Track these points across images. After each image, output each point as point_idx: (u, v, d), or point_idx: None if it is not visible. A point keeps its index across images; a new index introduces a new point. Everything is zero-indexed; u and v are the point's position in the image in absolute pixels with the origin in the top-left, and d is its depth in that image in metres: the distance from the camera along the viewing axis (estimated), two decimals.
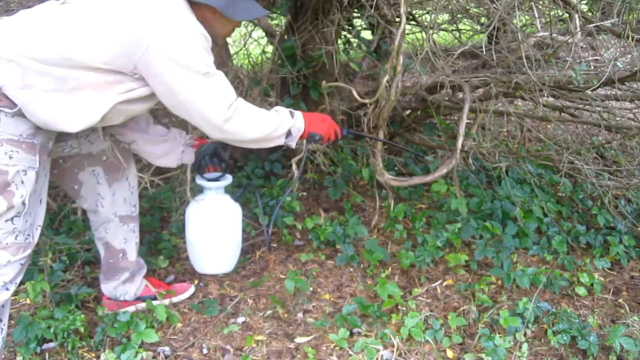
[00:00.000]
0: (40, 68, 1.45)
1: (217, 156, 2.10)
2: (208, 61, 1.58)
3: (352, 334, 1.99)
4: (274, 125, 1.77)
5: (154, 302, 2.08)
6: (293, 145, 1.87)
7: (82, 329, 1.90)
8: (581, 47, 3.29)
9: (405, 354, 1.89)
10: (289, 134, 1.82)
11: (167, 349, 1.92)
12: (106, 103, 1.54)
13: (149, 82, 1.56)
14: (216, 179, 2.12)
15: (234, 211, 2.18)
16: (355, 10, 2.88)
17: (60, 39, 1.47)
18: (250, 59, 3.56)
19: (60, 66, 1.46)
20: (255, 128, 1.72)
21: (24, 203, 1.50)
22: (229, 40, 3.19)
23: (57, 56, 1.46)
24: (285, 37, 2.85)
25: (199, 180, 2.12)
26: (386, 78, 2.30)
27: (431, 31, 2.28)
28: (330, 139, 1.95)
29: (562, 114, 2.94)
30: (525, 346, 1.91)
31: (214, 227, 2.15)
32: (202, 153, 2.07)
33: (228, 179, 2.15)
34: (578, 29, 2.54)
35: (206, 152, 2.07)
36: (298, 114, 1.85)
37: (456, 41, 3.32)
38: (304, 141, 1.92)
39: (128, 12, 1.51)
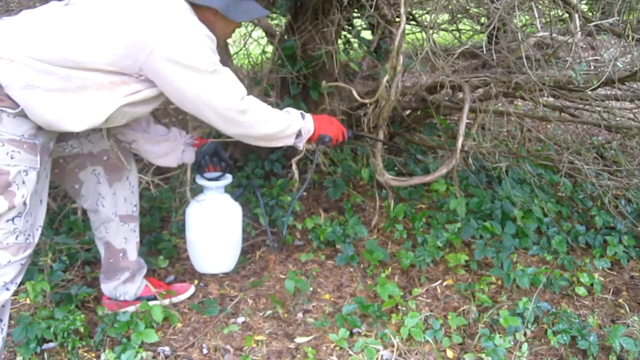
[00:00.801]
0: (44, 67, 1.45)
1: (218, 156, 2.11)
2: (214, 60, 1.58)
3: (352, 334, 1.99)
4: (286, 123, 1.78)
5: (153, 302, 2.08)
6: (301, 146, 1.88)
7: (82, 329, 1.90)
8: (581, 47, 3.28)
9: (405, 354, 1.89)
10: (299, 134, 1.84)
11: (167, 349, 1.92)
12: (111, 105, 1.54)
13: (156, 83, 1.56)
14: (216, 179, 2.12)
15: (235, 210, 2.18)
16: (355, 10, 2.88)
17: (64, 40, 1.47)
18: (250, 59, 3.56)
19: (64, 67, 1.46)
20: (268, 123, 1.74)
21: (25, 203, 1.50)
22: (229, 40, 3.18)
23: (61, 57, 1.46)
24: (285, 37, 2.85)
25: (200, 180, 2.12)
26: (386, 78, 2.30)
27: (431, 31, 2.28)
28: (338, 140, 1.97)
29: (562, 114, 2.94)
30: (525, 346, 1.91)
31: (215, 226, 2.15)
32: (203, 153, 2.07)
33: (228, 179, 2.15)
34: (578, 29, 2.54)
35: (206, 151, 2.07)
36: (308, 116, 1.88)
37: (456, 41, 3.32)
38: (314, 143, 1.93)
39: (132, 14, 1.51)
